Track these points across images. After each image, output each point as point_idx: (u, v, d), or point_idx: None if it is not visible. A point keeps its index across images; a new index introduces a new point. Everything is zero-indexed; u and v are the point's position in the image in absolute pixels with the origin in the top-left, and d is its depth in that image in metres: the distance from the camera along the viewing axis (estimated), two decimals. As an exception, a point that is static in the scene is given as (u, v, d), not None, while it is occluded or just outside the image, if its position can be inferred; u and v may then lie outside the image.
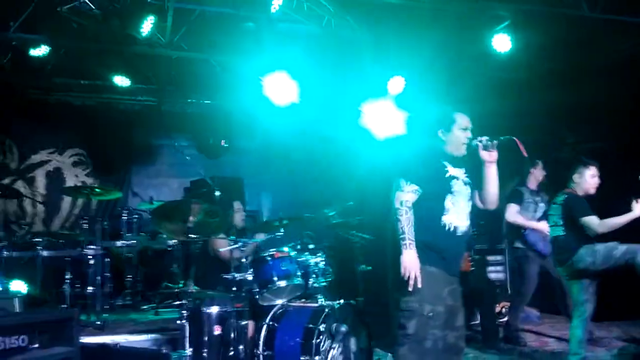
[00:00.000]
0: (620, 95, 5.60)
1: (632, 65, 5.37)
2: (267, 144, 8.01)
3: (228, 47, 5.91)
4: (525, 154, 2.93)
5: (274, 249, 4.22)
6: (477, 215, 3.30)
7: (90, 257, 5.02)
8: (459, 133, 3.10)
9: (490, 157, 3.04)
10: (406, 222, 2.89)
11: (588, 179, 4.15)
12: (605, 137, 5.80)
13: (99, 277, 5.00)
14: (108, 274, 5.49)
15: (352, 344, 3.95)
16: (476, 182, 3.14)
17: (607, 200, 4.17)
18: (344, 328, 3.81)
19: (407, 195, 2.96)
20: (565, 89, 5.86)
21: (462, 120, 3.12)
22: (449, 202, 2.99)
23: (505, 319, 5.24)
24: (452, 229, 2.98)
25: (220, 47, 5.95)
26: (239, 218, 4.62)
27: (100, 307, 4.93)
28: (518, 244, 5.07)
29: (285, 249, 4.30)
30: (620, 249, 3.90)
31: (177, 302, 3.74)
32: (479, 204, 3.18)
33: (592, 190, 4.18)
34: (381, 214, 5.69)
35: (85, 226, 5.86)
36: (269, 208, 7.27)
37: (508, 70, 6.19)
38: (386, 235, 5.20)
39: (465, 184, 3.09)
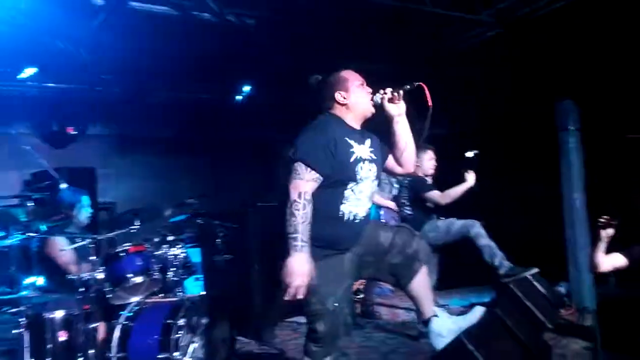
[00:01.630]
0: (456, 86, 6.14)
1: (467, 58, 5.89)
2: (123, 131, 7.55)
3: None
4: (430, 103, 2.67)
5: (129, 244, 3.99)
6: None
7: None
8: (360, 90, 2.76)
9: (398, 110, 2.74)
10: (302, 219, 2.47)
11: (426, 162, 4.68)
12: (442, 124, 6.37)
13: None
14: None
15: (214, 335, 3.90)
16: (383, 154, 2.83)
17: (447, 177, 4.67)
18: (204, 320, 3.73)
19: (308, 184, 2.53)
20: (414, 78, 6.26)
21: (354, 77, 2.79)
22: (349, 190, 2.64)
23: (362, 295, 5.51)
24: (350, 218, 2.66)
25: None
26: (84, 214, 4.28)
27: None
28: (375, 223, 5.36)
29: (142, 242, 4.09)
30: (457, 223, 4.45)
31: (14, 310, 3.37)
32: (397, 169, 2.89)
33: (431, 171, 4.72)
34: (245, 202, 5.70)
35: None
36: (126, 200, 6.83)
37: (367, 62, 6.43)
38: (249, 223, 5.23)
39: (371, 161, 2.72)
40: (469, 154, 4.74)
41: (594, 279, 4.91)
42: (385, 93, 2.74)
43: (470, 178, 4.52)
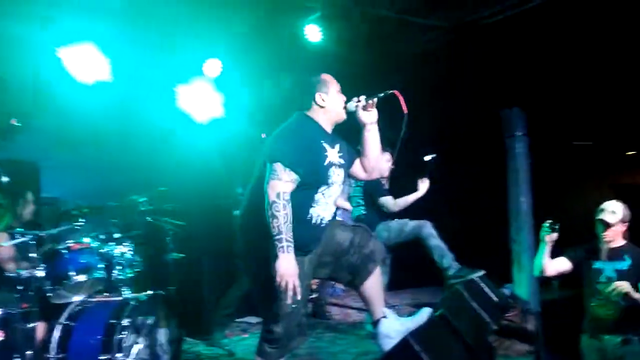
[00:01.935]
0: (415, 87, 6.21)
1: (423, 60, 5.99)
2: (70, 123, 7.27)
3: (18, 11, 5.15)
4: (405, 110, 2.71)
5: (72, 241, 3.85)
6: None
7: None
8: (338, 96, 2.77)
9: (370, 118, 2.76)
10: (283, 219, 2.44)
11: (383, 164, 4.64)
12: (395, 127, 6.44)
13: None
14: None
15: (161, 336, 3.81)
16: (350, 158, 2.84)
17: (402, 181, 4.72)
18: (150, 321, 3.63)
19: (286, 185, 2.50)
20: (369, 82, 6.32)
21: (334, 82, 2.80)
22: (320, 193, 2.64)
23: (315, 295, 5.52)
24: (318, 221, 2.67)
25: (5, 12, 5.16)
26: (28, 210, 4.10)
27: None
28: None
29: (86, 239, 3.94)
30: (410, 224, 4.49)
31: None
32: (361, 175, 2.91)
33: (386, 174, 4.74)
34: (196, 201, 5.60)
35: None
36: (71, 195, 6.58)
37: (321, 61, 6.43)
38: (197, 222, 5.13)
39: (340, 166, 2.74)
40: (427, 158, 4.83)
41: (538, 281, 5.09)
42: (359, 101, 2.74)
43: (423, 187, 4.61)
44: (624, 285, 3.29)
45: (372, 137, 2.79)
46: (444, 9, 5.21)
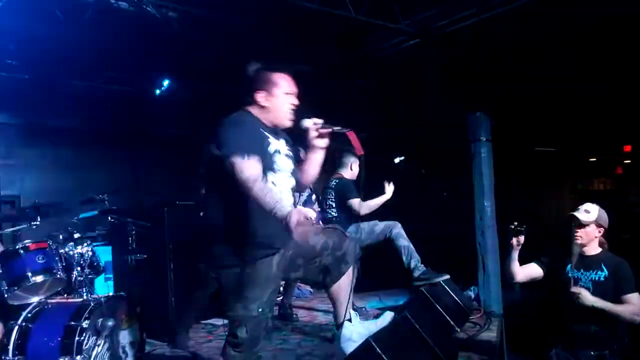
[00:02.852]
0: (384, 91, 6.28)
1: (391, 64, 6.05)
2: (32, 119, 7.09)
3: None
4: (360, 152, 2.66)
5: (30, 241, 3.74)
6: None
7: None
8: (284, 98, 2.67)
9: (321, 143, 2.67)
10: (266, 191, 2.41)
11: (355, 167, 4.66)
12: (369, 127, 6.49)
13: None
14: None
15: (122, 338, 3.73)
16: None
17: (372, 183, 4.73)
18: (111, 322, 3.54)
19: (254, 167, 2.45)
20: (339, 83, 6.36)
21: (285, 83, 2.68)
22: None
23: (281, 297, 5.49)
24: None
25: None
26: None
27: None
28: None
29: (45, 239, 3.84)
30: (380, 225, 4.57)
31: None
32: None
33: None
34: (162, 200, 5.50)
35: None
36: (32, 193, 6.42)
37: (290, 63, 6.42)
38: (165, 222, 5.03)
39: (288, 157, 2.71)
40: (397, 160, 4.90)
41: (501, 283, 5.17)
42: (317, 124, 2.64)
43: (389, 190, 4.68)
44: (583, 293, 3.16)
45: (315, 159, 2.72)
46: (411, 14, 5.27)
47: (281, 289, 5.91)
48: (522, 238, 3.34)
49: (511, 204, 5.60)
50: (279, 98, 2.66)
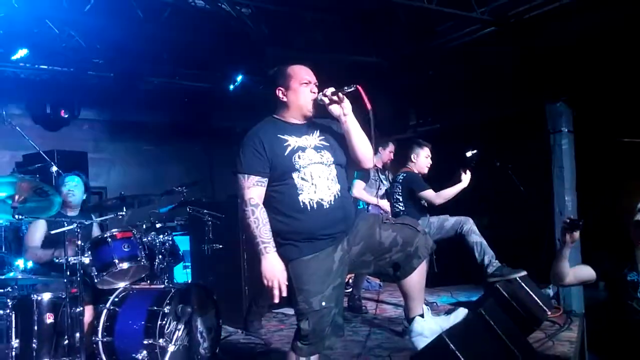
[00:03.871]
0: (456, 81, 6.12)
1: (464, 54, 5.88)
2: (116, 116, 7.51)
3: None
4: (368, 107, 2.58)
5: (117, 229, 3.97)
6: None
7: None
8: (302, 89, 2.67)
9: (341, 110, 2.62)
10: (255, 224, 2.51)
11: (423, 159, 4.63)
12: (441, 119, 6.36)
13: None
14: None
15: (199, 324, 3.89)
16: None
17: (444, 174, 4.63)
18: (189, 309, 3.71)
19: (250, 190, 2.56)
20: (410, 74, 6.27)
21: (300, 74, 2.68)
22: (298, 179, 2.59)
23: (350, 289, 5.52)
24: (314, 206, 2.58)
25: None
26: (72, 197, 4.24)
27: None
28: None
29: (130, 228, 4.07)
30: (450, 220, 4.44)
31: (1, 291, 3.36)
32: (356, 164, 2.78)
33: (426, 169, 4.70)
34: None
35: None
36: (117, 185, 6.80)
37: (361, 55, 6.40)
38: (237, 215, 5.20)
39: (320, 149, 2.68)
40: (469, 154, 4.75)
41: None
42: (325, 95, 2.62)
43: (466, 179, 4.50)
44: None
45: (347, 128, 2.66)
46: (485, 2, 5.11)
47: (350, 281, 5.97)
48: (576, 234, 2.91)
49: (595, 199, 5.30)
50: (296, 89, 2.67)
